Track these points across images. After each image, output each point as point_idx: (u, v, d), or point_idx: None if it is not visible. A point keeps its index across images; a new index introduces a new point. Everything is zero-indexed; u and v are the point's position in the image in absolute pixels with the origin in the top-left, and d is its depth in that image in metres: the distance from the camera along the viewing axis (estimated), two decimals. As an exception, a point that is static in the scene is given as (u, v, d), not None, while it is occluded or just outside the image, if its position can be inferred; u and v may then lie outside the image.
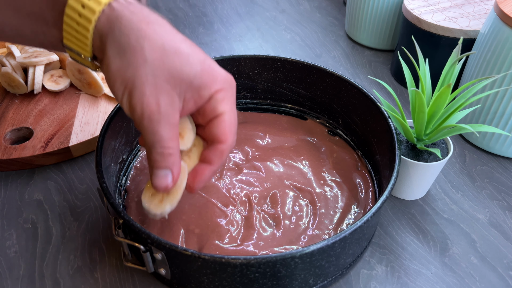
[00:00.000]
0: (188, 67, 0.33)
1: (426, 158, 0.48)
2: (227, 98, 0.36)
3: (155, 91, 0.32)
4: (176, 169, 0.35)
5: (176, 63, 0.33)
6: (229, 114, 0.36)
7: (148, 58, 0.32)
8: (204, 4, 0.93)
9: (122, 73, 0.33)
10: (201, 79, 0.34)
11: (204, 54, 0.36)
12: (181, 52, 0.33)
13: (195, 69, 0.34)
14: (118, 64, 0.33)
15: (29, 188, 0.53)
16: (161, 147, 0.34)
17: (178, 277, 0.40)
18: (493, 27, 0.51)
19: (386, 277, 0.44)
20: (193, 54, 0.34)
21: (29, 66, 0.62)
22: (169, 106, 0.33)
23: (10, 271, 0.45)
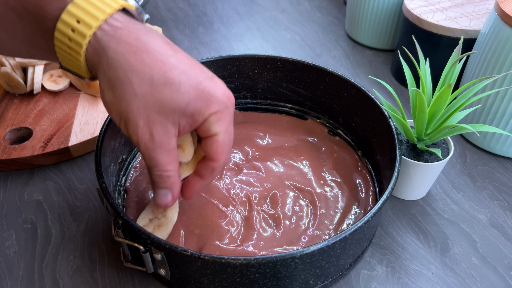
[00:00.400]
0: (179, 97, 0.33)
1: (427, 158, 0.48)
2: (221, 119, 0.36)
3: (148, 123, 0.33)
4: (175, 189, 0.38)
5: (166, 95, 0.33)
6: (223, 135, 0.36)
7: (138, 93, 0.32)
8: (204, 3, 0.93)
9: (116, 106, 0.33)
10: (194, 106, 0.34)
11: (199, 75, 0.35)
12: (171, 83, 0.33)
13: (187, 98, 0.33)
14: (111, 97, 0.33)
15: (29, 188, 0.53)
16: (159, 170, 0.36)
17: (178, 278, 0.40)
18: (494, 27, 0.51)
19: (386, 278, 0.44)
20: (185, 81, 0.33)
21: (29, 66, 0.62)
22: (164, 135, 0.34)
23: (10, 272, 0.44)
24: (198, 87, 0.34)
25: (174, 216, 0.43)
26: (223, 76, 0.58)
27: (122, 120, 0.34)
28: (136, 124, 0.33)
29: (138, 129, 0.33)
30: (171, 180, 0.37)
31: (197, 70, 0.35)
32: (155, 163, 0.35)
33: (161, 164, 0.35)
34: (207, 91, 0.34)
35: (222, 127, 0.36)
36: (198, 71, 0.35)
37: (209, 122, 0.35)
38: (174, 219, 0.43)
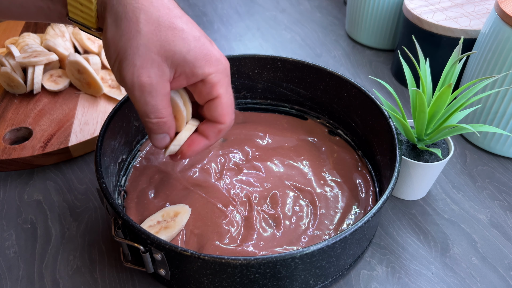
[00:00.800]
0: (181, 42, 0.34)
1: (427, 158, 0.48)
2: (221, 80, 0.36)
3: (145, 63, 0.33)
4: (172, 131, 0.38)
5: (169, 37, 0.33)
6: (225, 97, 0.37)
7: (142, 30, 0.33)
8: (204, 3, 0.93)
9: (115, 41, 0.33)
10: (195, 56, 0.34)
11: (199, 31, 0.35)
12: (175, 27, 0.33)
13: (188, 45, 0.34)
14: (113, 32, 0.33)
15: (29, 188, 0.53)
16: (155, 117, 0.36)
17: (178, 278, 0.40)
18: (494, 27, 0.51)
19: (386, 278, 0.44)
20: (188, 30, 0.34)
21: (29, 66, 0.62)
22: (160, 78, 0.34)
23: (10, 272, 0.44)
24: (199, 40, 0.35)
25: (183, 222, 0.44)
26: (223, 76, 0.57)
27: (118, 58, 0.34)
28: (133, 62, 0.33)
29: (134, 68, 0.33)
30: (167, 125, 0.37)
31: (198, 28, 0.36)
32: (150, 108, 0.35)
33: (157, 110, 0.35)
34: (206, 46, 0.35)
35: (223, 89, 0.36)
36: (199, 28, 0.36)
37: (210, 83, 0.35)
38: (183, 224, 0.44)
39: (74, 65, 0.61)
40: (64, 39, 0.68)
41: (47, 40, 0.65)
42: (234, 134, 0.56)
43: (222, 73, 0.36)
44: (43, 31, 0.77)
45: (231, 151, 0.54)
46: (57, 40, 0.66)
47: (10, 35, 0.76)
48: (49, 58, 0.63)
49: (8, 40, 0.71)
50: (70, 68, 0.62)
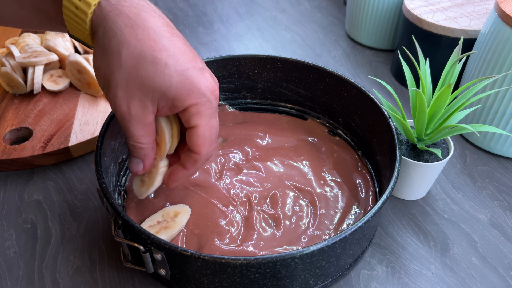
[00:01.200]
0: (162, 78, 0.34)
1: (427, 158, 0.48)
2: (201, 112, 0.36)
3: (126, 95, 0.34)
4: (148, 160, 0.39)
5: (149, 73, 0.34)
6: (203, 128, 0.37)
7: (123, 65, 0.33)
8: (204, 3, 0.93)
9: (102, 71, 0.35)
10: (175, 91, 0.34)
11: (187, 63, 0.35)
12: (157, 62, 0.34)
13: (169, 81, 0.34)
14: (99, 61, 0.35)
15: (29, 188, 0.53)
16: (133, 141, 0.37)
17: (178, 278, 0.40)
18: (494, 27, 0.51)
19: (386, 278, 0.44)
20: (171, 64, 0.34)
21: (29, 66, 0.62)
22: (140, 110, 0.35)
23: (10, 272, 0.44)
24: (183, 74, 0.34)
25: (183, 222, 0.44)
26: (223, 76, 0.58)
27: (105, 86, 0.35)
28: (115, 93, 0.34)
29: (116, 98, 0.35)
30: (144, 152, 0.38)
31: (188, 57, 0.35)
32: (129, 134, 0.37)
33: (135, 136, 0.37)
34: (191, 80, 0.35)
35: (201, 120, 0.36)
36: (188, 58, 0.35)
37: (189, 113, 0.36)
38: (183, 224, 0.44)
39: (74, 65, 0.61)
40: (64, 39, 0.68)
41: (47, 40, 0.65)
42: (234, 134, 0.56)
43: (204, 105, 0.36)
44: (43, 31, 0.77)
45: (231, 151, 0.54)
46: (57, 40, 0.66)
47: (10, 35, 0.76)
48: (49, 58, 0.63)
49: (8, 40, 0.71)
50: (70, 68, 0.62)
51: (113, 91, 0.35)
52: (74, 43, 0.69)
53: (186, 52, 0.35)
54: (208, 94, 0.36)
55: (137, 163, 0.39)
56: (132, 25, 0.33)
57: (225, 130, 0.57)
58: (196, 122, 0.37)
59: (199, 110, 0.36)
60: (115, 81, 0.34)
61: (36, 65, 0.62)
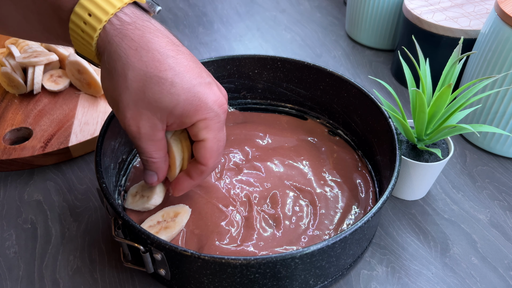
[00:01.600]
0: (168, 97, 0.35)
1: (427, 158, 0.48)
2: (209, 126, 0.37)
3: (135, 115, 0.36)
4: (161, 172, 0.41)
5: (155, 93, 0.34)
6: (211, 141, 0.38)
7: (130, 87, 0.34)
8: (204, 4, 0.93)
9: (110, 92, 0.36)
10: (183, 108, 0.35)
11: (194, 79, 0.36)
12: (163, 82, 0.34)
13: (176, 100, 0.35)
14: (107, 84, 0.36)
15: (29, 188, 0.53)
16: (145, 157, 0.39)
17: (178, 278, 0.40)
18: (494, 27, 0.51)
19: (386, 278, 0.44)
20: (177, 83, 0.35)
21: (29, 66, 0.62)
22: (150, 128, 0.36)
23: (10, 272, 0.44)
24: (190, 91, 0.35)
25: (183, 222, 0.44)
26: (223, 76, 0.58)
27: (114, 107, 0.37)
28: (124, 114, 0.36)
29: (125, 119, 0.36)
30: (156, 165, 0.40)
31: (194, 74, 0.36)
32: (141, 150, 0.38)
33: (147, 152, 0.38)
34: (198, 96, 0.35)
35: (209, 134, 0.37)
36: (194, 75, 0.36)
37: (197, 128, 0.37)
38: (183, 225, 0.44)
39: (74, 65, 0.61)
40: (64, 39, 0.68)
41: (47, 40, 0.65)
42: (234, 134, 0.56)
43: (212, 120, 0.37)
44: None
45: (231, 151, 0.54)
46: (57, 40, 0.66)
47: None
48: (49, 58, 0.63)
49: (8, 40, 0.71)
50: (70, 68, 0.62)
51: (122, 112, 0.36)
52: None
53: (192, 69, 0.36)
54: (216, 109, 0.37)
55: (152, 175, 0.41)
56: (136, 48, 0.34)
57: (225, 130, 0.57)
58: (204, 136, 0.37)
59: (207, 124, 0.37)
60: (122, 103, 0.35)
61: (36, 65, 0.62)
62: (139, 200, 0.46)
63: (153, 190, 0.46)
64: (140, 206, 0.46)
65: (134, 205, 0.46)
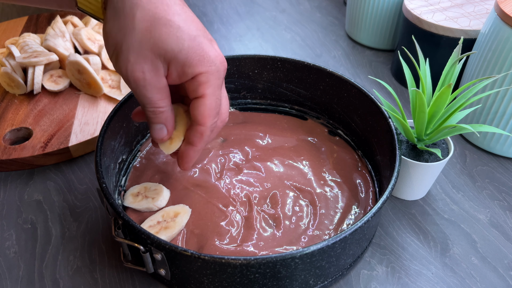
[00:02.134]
0: (174, 40, 0.34)
1: (427, 158, 0.48)
2: (210, 81, 0.36)
3: (139, 59, 0.34)
4: (169, 123, 0.39)
5: (162, 35, 0.34)
6: (210, 98, 0.37)
7: (137, 27, 0.33)
8: (204, 3, 0.93)
9: (113, 35, 0.34)
10: (187, 55, 0.34)
11: (198, 30, 0.35)
12: (171, 25, 0.34)
13: (181, 44, 0.34)
14: (111, 26, 0.34)
15: (29, 188, 0.53)
16: (152, 107, 0.37)
17: (178, 278, 0.40)
18: (494, 27, 0.51)
19: (386, 278, 0.44)
20: (184, 28, 0.34)
21: (29, 66, 0.62)
22: (153, 73, 0.35)
23: (10, 272, 0.44)
24: (195, 39, 0.35)
25: (183, 222, 0.44)
26: (223, 76, 0.58)
27: (115, 52, 0.35)
28: (128, 58, 0.34)
29: (128, 64, 0.34)
30: (164, 115, 0.38)
31: (199, 26, 0.36)
32: (147, 100, 0.36)
33: (153, 101, 0.36)
34: (201, 47, 0.35)
35: (209, 89, 0.36)
36: (199, 26, 0.36)
37: (197, 82, 0.36)
38: (183, 225, 0.44)
39: (74, 65, 0.61)
40: (64, 39, 0.68)
41: (47, 40, 0.65)
42: (234, 134, 0.56)
43: (213, 75, 0.36)
44: (43, 31, 0.77)
45: (231, 151, 0.54)
46: (57, 40, 0.66)
47: (10, 35, 0.76)
48: (49, 58, 0.63)
49: (8, 40, 0.71)
50: (70, 68, 0.62)
51: (125, 55, 0.34)
52: (74, 43, 0.69)
53: (196, 21, 0.36)
54: (217, 64, 0.36)
55: (161, 129, 0.39)
56: None
57: (225, 130, 0.57)
58: (204, 91, 0.36)
59: (208, 79, 0.36)
60: (127, 44, 0.34)
61: (36, 65, 0.62)
62: (142, 200, 0.46)
63: (159, 192, 0.46)
64: (144, 206, 0.46)
65: (136, 205, 0.46)
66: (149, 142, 0.55)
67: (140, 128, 0.54)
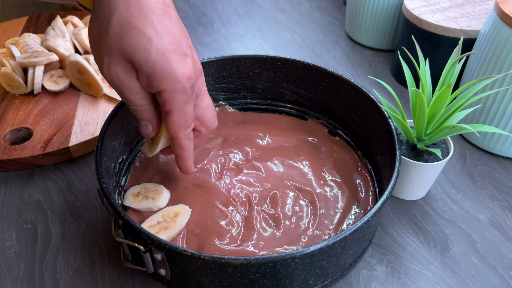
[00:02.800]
0: (142, 52, 0.34)
1: (427, 158, 0.48)
2: (174, 98, 0.37)
3: (112, 61, 0.35)
4: (154, 120, 0.40)
5: (132, 44, 0.34)
6: (176, 113, 0.38)
7: (110, 31, 0.34)
8: (204, 4, 0.93)
9: (93, 35, 0.36)
10: (152, 69, 0.35)
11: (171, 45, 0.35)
12: (141, 35, 0.34)
13: (147, 57, 0.35)
14: (92, 26, 0.36)
15: (29, 188, 0.53)
16: (133, 106, 0.38)
17: (178, 278, 0.40)
18: (494, 27, 0.51)
19: (386, 278, 0.44)
20: (154, 41, 0.34)
21: (29, 66, 0.62)
22: (127, 76, 0.36)
23: (10, 272, 0.44)
24: (163, 54, 0.35)
25: (183, 222, 0.44)
26: (223, 76, 0.58)
27: (94, 51, 0.37)
28: (102, 58, 0.36)
29: (103, 64, 0.36)
30: (147, 113, 0.39)
31: (172, 40, 0.36)
32: (125, 99, 0.38)
33: (131, 101, 0.38)
34: (168, 63, 0.35)
35: (174, 106, 0.37)
36: (172, 41, 0.36)
37: (163, 97, 0.37)
38: (183, 225, 0.44)
39: (75, 66, 0.61)
40: (65, 40, 0.68)
41: (47, 41, 0.66)
42: (234, 134, 0.56)
43: (178, 92, 0.36)
44: (44, 31, 0.77)
45: (231, 151, 0.54)
46: (58, 40, 0.66)
47: (10, 35, 0.76)
48: (49, 58, 0.63)
49: (9, 41, 0.71)
50: (71, 68, 0.62)
51: (101, 55, 0.36)
52: (75, 43, 0.69)
53: (172, 34, 0.36)
54: (183, 81, 0.36)
55: (146, 125, 0.40)
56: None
57: (225, 130, 0.57)
58: (169, 107, 0.37)
59: (172, 96, 0.36)
60: (102, 46, 0.35)
61: (36, 65, 0.62)
62: (142, 200, 0.46)
63: (159, 192, 0.47)
64: (144, 206, 0.46)
65: (136, 205, 0.46)
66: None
67: (140, 128, 0.54)
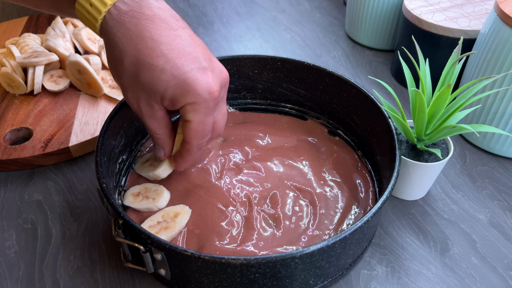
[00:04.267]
0: (158, 83, 0.38)
1: (427, 158, 0.48)
2: (196, 110, 0.39)
3: (134, 96, 0.39)
4: (167, 147, 0.45)
5: (147, 79, 0.37)
6: (196, 123, 0.40)
7: (126, 72, 0.38)
8: (204, 4, 0.93)
9: (113, 74, 0.40)
10: (173, 93, 0.38)
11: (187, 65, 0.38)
12: (153, 69, 0.37)
13: (165, 85, 0.38)
14: (110, 66, 0.40)
15: (29, 188, 0.53)
16: (151, 132, 0.43)
17: (178, 278, 0.40)
18: (494, 27, 0.51)
19: (386, 278, 0.44)
20: (167, 70, 0.37)
21: (29, 66, 0.62)
22: (149, 107, 0.40)
23: (10, 272, 0.44)
24: (180, 77, 0.37)
25: (183, 222, 0.44)
26: (223, 76, 0.58)
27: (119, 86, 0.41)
28: (126, 93, 0.40)
29: (127, 98, 0.40)
30: (161, 141, 0.44)
31: (187, 60, 0.38)
32: (146, 127, 0.42)
33: (150, 129, 0.42)
34: (187, 82, 0.38)
35: (195, 117, 0.40)
36: (188, 61, 0.38)
37: (185, 109, 0.40)
38: (183, 225, 0.44)
39: (75, 66, 0.61)
40: (65, 40, 0.68)
41: (47, 41, 0.66)
42: (234, 134, 0.56)
43: (200, 105, 0.39)
44: (44, 31, 0.77)
45: (231, 151, 0.54)
46: (58, 40, 0.66)
47: (10, 35, 0.76)
48: (49, 58, 0.63)
49: (9, 41, 0.71)
50: (71, 68, 0.62)
51: (124, 92, 0.40)
52: (75, 44, 0.69)
53: (185, 54, 0.38)
54: (204, 95, 0.38)
55: (159, 150, 0.45)
56: (131, 36, 0.37)
57: (225, 130, 0.57)
58: (190, 118, 0.40)
59: (195, 108, 0.39)
60: (123, 85, 0.39)
61: (36, 65, 0.62)
62: (142, 200, 0.46)
63: (159, 193, 0.47)
64: (144, 206, 0.46)
65: (136, 205, 0.46)
66: (149, 142, 0.55)
67: (140, 128, 0.54)
